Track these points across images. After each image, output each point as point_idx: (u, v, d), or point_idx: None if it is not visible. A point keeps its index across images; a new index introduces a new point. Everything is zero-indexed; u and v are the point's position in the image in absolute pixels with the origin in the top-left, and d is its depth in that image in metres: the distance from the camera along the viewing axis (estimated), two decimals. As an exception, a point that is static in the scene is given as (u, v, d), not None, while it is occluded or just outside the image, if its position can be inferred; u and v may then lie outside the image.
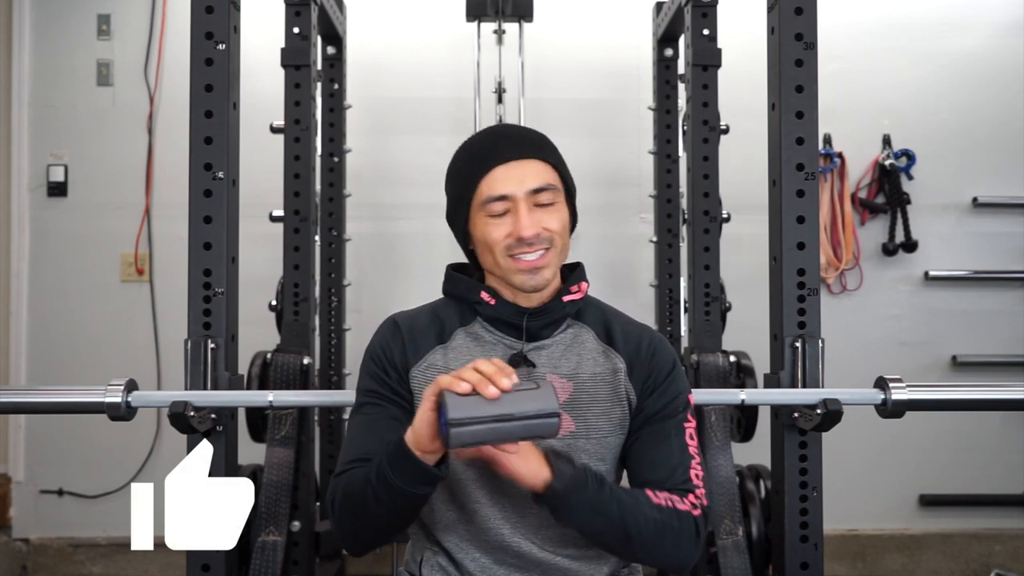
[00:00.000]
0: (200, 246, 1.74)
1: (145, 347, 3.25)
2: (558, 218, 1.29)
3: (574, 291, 1.34)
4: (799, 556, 1.76)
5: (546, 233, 1.27)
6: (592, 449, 1.29)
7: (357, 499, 1.20)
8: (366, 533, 1.25)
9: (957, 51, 3.37)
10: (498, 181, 1.27)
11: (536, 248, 1.26)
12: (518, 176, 1.27)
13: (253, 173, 2.22)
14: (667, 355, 1.35)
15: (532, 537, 1.29)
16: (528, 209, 1.26)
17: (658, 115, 2.91)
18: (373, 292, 3.26)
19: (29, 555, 3.26)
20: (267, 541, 2.11)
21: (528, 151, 1.29)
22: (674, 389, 1.33)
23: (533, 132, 1.36)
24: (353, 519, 1.23)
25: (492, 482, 1.28)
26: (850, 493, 3.23)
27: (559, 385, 1.30)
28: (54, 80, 3.29)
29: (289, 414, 2.21)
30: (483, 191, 1.28)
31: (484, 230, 1.28)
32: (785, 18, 1.78)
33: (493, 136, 1.34)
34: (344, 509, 1.23)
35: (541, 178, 1.28)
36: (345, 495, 1.22)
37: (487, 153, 1.29)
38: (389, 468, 1.13)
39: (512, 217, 1.26)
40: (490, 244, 1.28)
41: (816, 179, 1.78)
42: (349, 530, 1.25)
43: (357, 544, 1.28)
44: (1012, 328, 3.35)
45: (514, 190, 1.27)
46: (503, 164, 1.28)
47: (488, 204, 1.27)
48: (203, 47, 1.75)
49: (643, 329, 1.38)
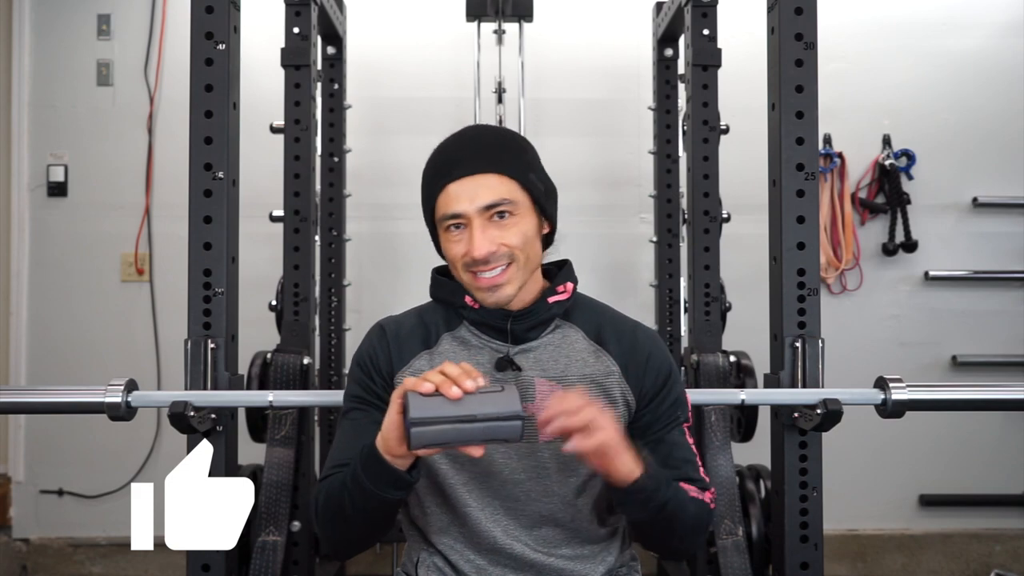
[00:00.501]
0: (200, 246, 1.74)
1: (145, 347, 3.25)
2: (516, 231, 1.25)
3: (560, 291, 1.33)
4: (799, 556, 1.76)
5: (503, 249, 1.24)
6: None
7: (336, 503, 1.21)
8: (347, 537, 1.26)
9: (957, 51, 3.37)
10: (451, 199, 1.25)
11: (493, 265, 1.24)
12: (469, 193, 1.24)
13: (253, 173, 2.23)
14: (663, 358, 1.35)
15: (525, 539, 1.29)
16: (482, 227, 1.23)
17: (658, 115, 2.91)
18: (373, 292, 3.26)
19: (29, 555, 3.26)
20: (267, 541, 2.11)
21: (481, 165, 1.25)
22: (672, 395, 1.33)
23: (493, 139, 1.31)
24: (333, 523, 1.24)
25: (483, 486, 1.28)
26: (850, 493, 3.23)
27: (546, 388, 1.29)
28: (54, 80, 3.29)
29: (289, 414, 2.21)
30: (439, 209, 1.27)
31: (446, 246, 1.28)
32: (785, 18, 1.78)
33: (448, 150, 1.31)
34: (325, 513, 1.24)
35: (494, 193, 1.24)
36: (326, 499, 1.23)
37: (441, 169, 1.28)
38: (362, 472, 1.14)
39: (467, 236, 1.25)
40: (451, 261, 1.29)
41: (816, 179, 1.78)
42: (331, 533, 1.26)
43: (339, 547, 1.28)
44: (1012, 328, 3.34)
45: (465, 208, 1.24)
46: (455, 181, 1.25)
47: (443, 222, 1.26)
48: (203, 47, 1.75)
49: (635, 327, 1.37)
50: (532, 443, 1.28)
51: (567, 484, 1.28)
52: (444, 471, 1.28)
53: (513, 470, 1.27)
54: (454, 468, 1.28)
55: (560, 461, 1.28)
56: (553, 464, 1.28)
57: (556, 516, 1.29)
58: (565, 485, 1.28)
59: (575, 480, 1.29)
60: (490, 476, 1.28)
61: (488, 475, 1.28)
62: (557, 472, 1.28)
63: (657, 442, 1.31)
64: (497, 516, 1.28)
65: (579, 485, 1.29)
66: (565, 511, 1.29)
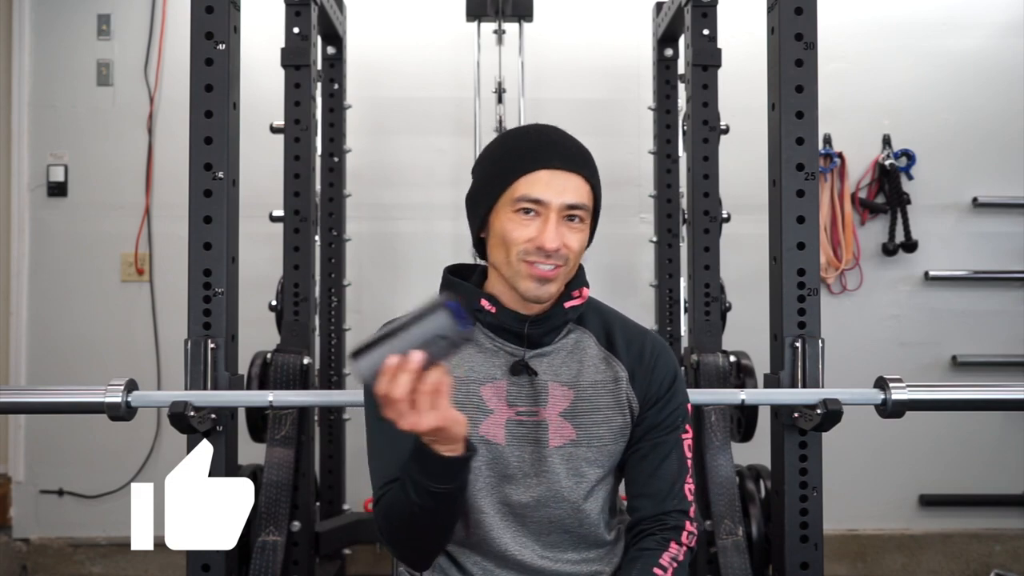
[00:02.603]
0: (200, 246, 1.74)
1: (145, 347, 3.25)
2: (580, 239, 1.27)
3: (575, 296, 1.33)
4: (799, 556, 1.76)
5: (565, 251, 1.24)
6: (592, 457, 1.29)
7: (402, 516, 1.20)
8: (424, 546, 1.25)
9: (957, 51, 3.37)
10: (539, 184, 1.24)
11: (552, 261, 1.24)
12: (560, 186, 1.24)
13: (253, 173, 2.22)
14: (669, 365, 1.35)
15: (533, 544, 1.29)
16: (558, 222, 1.23)
17: (658, 115, 2.91)
18: (373, 292, 3.26)
19: (29, 555, 3.26)
20: (267, 541, 2.11)
21: (577, 165, 1.26)
22: (675, 402, 1.34)
23: (579, 145, 1.32)
24: (408, 537, 1.23)
25: (494, 491, 1.28)
26: (850, 493, 3.23)
27: (560, 393, 1.30)
28: (54, 80, 3.29)
29: (289, 414, 2.21)
30: (520, 188, 1.24)
31: (507, 226, 1.25)
32: (785, 18, 1.78)
33: (546, 136, 1.30)
34: (394, 532, 1.23)
35: (579, 195, 1.25)
36: (388, 516, 1.22)
37: (537, 152, 1.26)
38: (420, 475, 1.13)
39: (540, 224, 1.23)
40: (508, 242, 1.25)
41: (816, 179, 1.78)
42: (406, 550, 1.26)
43: (419, 559, 1.28)
44: (1012, 328, 3.34)
45: (552, 199, 1.23)
46: (549, 169, 1.24)
47: (520, 202, 1.24)
48: (203, 47, 1.75)
49: (645, 335, 1.38)
50: (542, 448, 1.28)
51: (576, 490, 1.29)
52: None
53: (525, 474, 1.28)
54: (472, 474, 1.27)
55: (569, 467, 1.28)
56: (562, 469, 1.28)
57: (564, 522, 1.30)
58: (575, 491, 1.29)
59: (584, 485, 1.29)
60: (504, 479, 1.28)
61: (502, 478, 1.28)
62: (566, 478, 1.28)
63: (653, 447, 1.32)
64: (507, 521, 1.29)
65: (588, 490, 1.30)
66: (573, 516, 1.30)
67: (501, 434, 1.28)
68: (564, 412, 1.29)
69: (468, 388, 1.29)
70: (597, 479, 1.30)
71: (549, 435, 1.28)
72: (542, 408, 1.28)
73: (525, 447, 1.28)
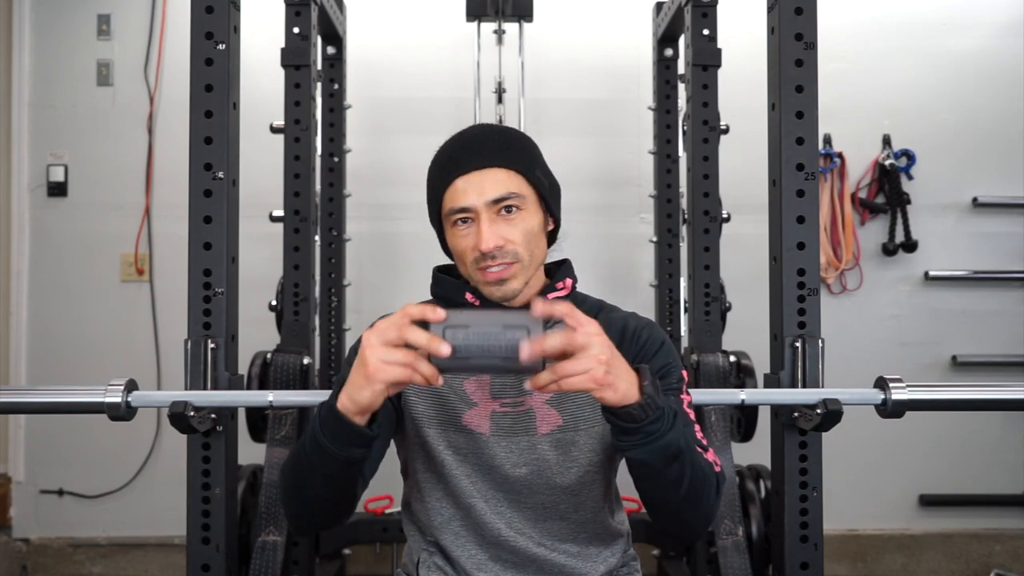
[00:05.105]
0: (200, 246, 1.74)
1: (145, 347, 3.25)
2: (523, 228, 1.25)
3: (559, 288, 1.33)
4: (799, 556, 1.76)
5: (510, 245, 1.24)
6: (582, 441, 1.29)
7: (296, 471, 1.20)
8: (308, 508, 1.24)
9: (957, 51, 3.37)
10: (459, 192, 1.24)
11: (499, 261, 1.24)
12: (477, 187, 1.24)
13: (253, 173, 2.23)
14: (656, 335, 1.34)
15: (530, 532, 1.29)
16: (490, 221, 1.23)
17: (658, 115, 2.91)
18: (373, 292, 3.26)
19: (29, 555, 3.26)
20: (267, 541, 2.11)
21: (489, 159, 1.25)
22: (664, 359, 1.31)
23: (499, 135, 1.30)
24: (295, 493, 1.22)
25: (486, 478, 1.28)
26: (850, 493, 3.23)
27: None
28: (54, 80, 3.29)
29: (289, 414, 2.21)
30: (447, 203, 1.26)
31: (453, 241, 1.28)
32: (785, 18, 1.78)
33: (456, 145, 1.31)
34: (286, 484, 1.23)
35: (502, 187, 1.24)
36: (287, 470, 1.22)
37: (449, 163, 1.27)
38: (321, 432, 1.12)
39: (476, 230, 1.24)
40: (459, 255, 1.28)
41: (816, 179, 1.78)
42: (294, 507, 1.24)
43: (301, 521, 1.27)
44: (1012, 328, 3.35)
45: (473, 202, 1.24)
46: (463, 175, 1.25)
47: (451, 216, 1.26)
48: (203, 47, 1.75)
49: (628, 315, 1.37)
50: (531, 436, 1.28)
51: (567, 474, 1.29)
52: (447, 463, 1.28)
53: (514, 464, 1.28)
54: (457, 460, 1.28)
55: (559, 452, 1.28)
56: (552, 455, 1.28)
57: (559, 508, 1.30)
58: (566, 476, 1.29)
59: (576, 469, 1.29)
60: (492, 469, 1.28)
61: (490, 468, 1.28)
62: (557, 464, 1.28)
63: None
64: (501, 508, 1.29)
65: (579, 476, 1.29)
66: (567, 502, 1.30)
67: (486, 425, 1.28)
68: (549, 399, 1.29)
69: (452, 382, 1.29)
70: (589, 462, 1.29)
71: (537, 423, 1.28)
72: (528, 397, 1.28)
73: (513, 437, 1.28)
